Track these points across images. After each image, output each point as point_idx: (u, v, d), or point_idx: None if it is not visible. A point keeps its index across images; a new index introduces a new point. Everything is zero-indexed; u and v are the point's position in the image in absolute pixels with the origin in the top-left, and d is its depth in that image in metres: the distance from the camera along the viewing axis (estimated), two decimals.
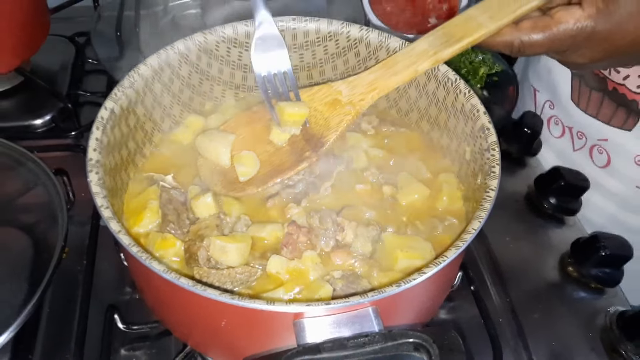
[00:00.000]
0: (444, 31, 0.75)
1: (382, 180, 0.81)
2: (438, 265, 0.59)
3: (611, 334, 0.87)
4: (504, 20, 0.72)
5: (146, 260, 0.58)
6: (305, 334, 0.57)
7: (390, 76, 0.76)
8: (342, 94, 0.78)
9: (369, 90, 0.77)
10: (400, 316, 0.66)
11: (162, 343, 0.82)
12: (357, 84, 0.78)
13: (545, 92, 1.18)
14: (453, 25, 0.75)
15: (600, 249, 0.91)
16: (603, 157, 1.08)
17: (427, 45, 0.75)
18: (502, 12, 0.72)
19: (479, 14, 0.73)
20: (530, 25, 0.71)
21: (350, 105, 0.77)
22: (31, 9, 1.09)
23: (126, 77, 0.76)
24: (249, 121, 0.83)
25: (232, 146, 0.80)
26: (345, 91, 0.78)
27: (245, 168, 0.78)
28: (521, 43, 0.72)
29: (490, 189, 0.67)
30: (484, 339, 0.84)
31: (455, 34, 0.74)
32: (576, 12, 0.70)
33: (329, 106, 0.78)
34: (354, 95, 0.77)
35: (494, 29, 0.72)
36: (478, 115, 0.75)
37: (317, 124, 0.78)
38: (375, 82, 0.77)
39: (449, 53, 0.74)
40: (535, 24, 0.71)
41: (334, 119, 0.78)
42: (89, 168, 0.66)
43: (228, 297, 0.55)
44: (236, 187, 0.78)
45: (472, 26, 0.73)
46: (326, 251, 0.73)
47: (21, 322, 0.74)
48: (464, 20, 0.74)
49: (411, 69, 0.76)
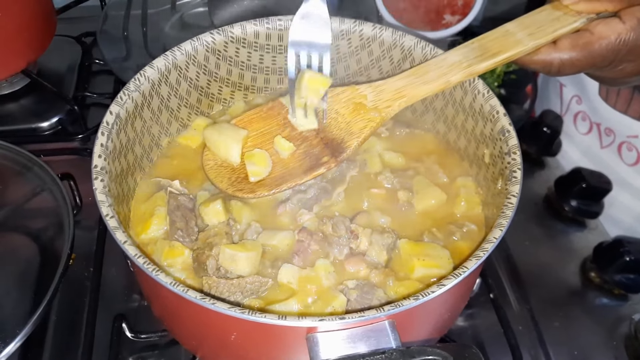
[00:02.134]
0: (479, 44, 0.71)
1: (397, 184, 0.78)
2: (458, 277, 0.57)
3: (636, 342, 0.84)
4: (543, 40, 0.68)
5: (153, 272, 0.55)
6: (319, 349, 0.54)
7: (420, 85, 0.72)
8: (367, 99, 0.73)
9: (396, 97, 0.73)
10: (417, 329, 0.63)
11: (172, 352, 0.81)
12: (384, 89, 0.74)
13: (573, 86, 1.15)
14: (489, 38, 0.71)
15: (624, 253, 0.89)
16: (633, 155, 1.05)
17: (461, 57, 0.71)
18: (543, 30, 0.69)
19: (517, 30, 0.70)
20: (570, 43, 0.68)
21: (375, 111, 0.73)
22: (37, 9, 1.07)
23: (132, 80, 0.74)
24: (263, 117, 0.78)
25: (243, 142, 0.75)
26: (370, 96, 0.74)
27: (256, 167, 0.73)
28: (561, 63, 0.68)
29: (511, 195, 0.64)
30: (503, 346, 0.81)
31: (490, 48, 0.70)
32: (617, 25, 0.66)
33: (352, 110, 0.74)
34: (380, 101, 0.73)
35: (532, 47, 0.69)
36: (498, 117, 0.72)
37: (339, 127, 0.74)
38: (404, 89, 0.73)
39: (484, 67, 0.71)
40: (575, 41, 0.67)
41: (357, 123, 0.73)
42: (94, 175, 0.64)
43: (238, 311, 0.53)
44: (244, 188, 0.74)
45: (510, 42, 0.69)
46: (340, 259, 0.71)
47: (28, 331, 0.73)
48: (501, 35, 0.71)
49: (443, 80, 0.72)
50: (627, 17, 0.66)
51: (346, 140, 0.73)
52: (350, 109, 0.74)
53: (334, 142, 0.73)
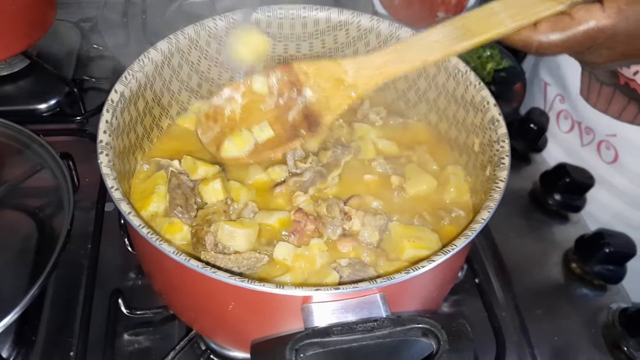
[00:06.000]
0: (462, 23, 0.73)
1: (390, 170, 0.81)
2: (447, 254, 0.59)
3: (613, 330, 0.87)
4: (525, 21, 0.70)
5: (157, 242, 0.57)
6: (314, 318, 0.56)
7: (399, 63, 0.75)
8: (348, 74, 0.76)
9: (374, 74, 0.76)
10: (406, 304, 0.66)
11: (166, 329, 0.82)
12: (365, 65, 0.76)
13: (556, 86, 1.18)
14: (472, 18, 0.72)
15: (604, 246, 0.92)
16: (611, 153, 1.09)
17: (442, 36, 0.73)
18: (525, 12, 0.70)
19: (501, 10, 0.71)
20: (549, 27, 0.69)
21: (353, 89, 0.76)
22: None
23: (136, 61, 0.76)
24: None
25: None
26: (351, 71, 0.76)
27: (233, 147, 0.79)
28: (539, 45, 0.70)
29: (499, 180, 0.67)
30: (487, 333, 0.84)
31: (472, 28, 0.72)
32: (597, 12, 0.67)
33: (333, 85, 0.77)
34: (359, 77, 0.76)
35: (513, 28, 0.70)
36: (488, 107, 0.75)
37: (319, 101, 0.77)
38: (384, 66, 0.76)
39: (463, 47, 0.73)
40: (554, 25, 0.69)
41: (335, 99, 0.77)
42: (99, 150, 0.66)
43: (238, 279, 0.55)
44: None
45: (491, 23, 0.71)
46: (333, 239, 0.73)
47: (26, 303, 0.74)
48: (484, 15, 0.72)
49: (420, 59, 0.74)
50: (609, 5, 0.67)
51: (323, 115, 0.77)
52: (331, 84, 0.77)
53: (312, 116, 0.77)
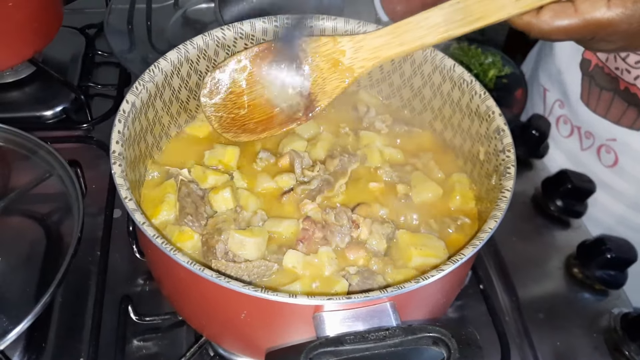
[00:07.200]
0: (463, 5, 0.70)
1: (395, 178, 0.82)
2: (456, 263, 0.61)
3: (615, 334, 0.89)
4: (528, 7, 0.68)
5: (171, 252, 0.58)
6: (325, 326, 0.58)
7: (397, 46, 0.74)
8: (345, 55, 0.75)
9: (371, 57, 0.75)
10: (415, 311, 0.67)
11: (174, 335, 0.83)
12: (363, 45, 0.75)
13: (555, 91, 1.19)
14: (474, 0, 0.70)
15: (605, 251, 0.93)
16: (610, 157, 1.10)
17: (441, 19, 0.71)
18: None
19: None
20: (552, 15, 0.68)
21: (349, 71, 0.76)
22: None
23: (147, 72, 0.77)
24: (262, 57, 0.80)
25: None
26: (349, 52, 0.75)
27: None
28: (540, 31, 0.69)
29: (505, 190, 0.68)
30: (491, 337, 0.85)
31: (474, 12, 0.70)
32: (601, 8, 0.66)
33: (330, 65, 0.76)
34: (356, 59, 0.75)
35: (516, 13, 0.69)
36: (493, 117, 0.76)
37: (316, 82, 0.77)
38: (380, 49, 0.75)
39: (462, 32, 0.71)
40: (557, 14, 0.67)
41: (331, 82, 0.77)
42: (112, 160, 0.67)
43: (252, 289, 0.56)
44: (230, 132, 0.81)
45: (494, 7, 0.69)
46: (341, 247, 0.74)
47: (38, 311, 0.75)
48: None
49: (419, 42, 0.73)
50: (615, 1, 0.66)
51: (319, 98, 0.77)
52: (328, 65, 0.77)
53: (309, 97, 0.77)
